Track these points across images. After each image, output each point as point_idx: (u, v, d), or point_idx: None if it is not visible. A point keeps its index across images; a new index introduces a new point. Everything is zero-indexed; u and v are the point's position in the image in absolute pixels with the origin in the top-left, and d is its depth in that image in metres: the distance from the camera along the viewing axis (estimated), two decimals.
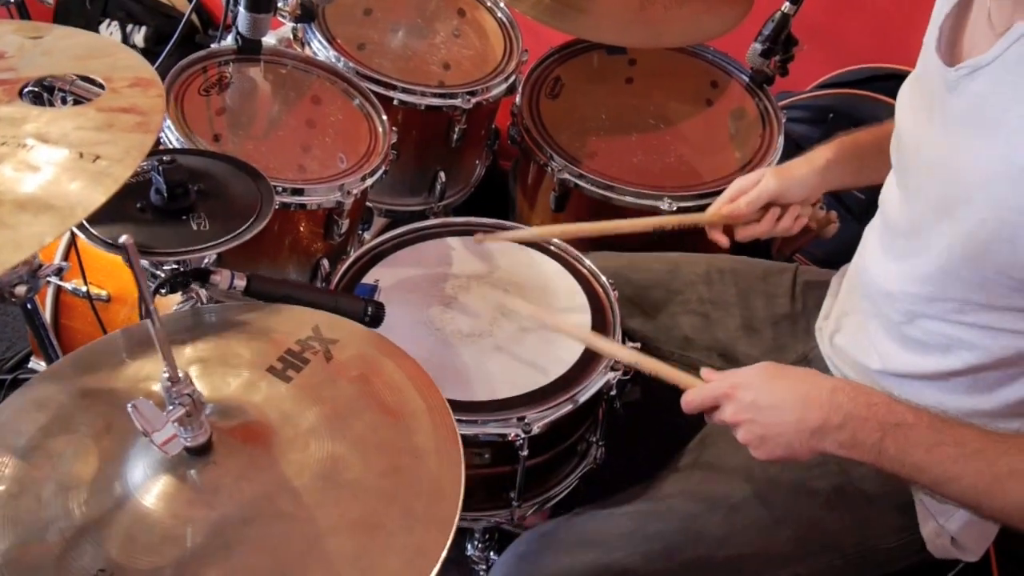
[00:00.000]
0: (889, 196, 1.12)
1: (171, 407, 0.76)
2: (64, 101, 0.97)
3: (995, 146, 0.88)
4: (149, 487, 0.78)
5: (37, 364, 1.79)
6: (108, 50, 0.86)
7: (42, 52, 0.84)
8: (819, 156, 1.30)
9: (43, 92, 0.88)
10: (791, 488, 1.11)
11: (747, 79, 1.74)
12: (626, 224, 1.39)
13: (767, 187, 1.29)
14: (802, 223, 1.35)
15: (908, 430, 0.89)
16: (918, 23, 1.09)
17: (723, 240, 1.36)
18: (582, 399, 1.21)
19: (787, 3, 1.57)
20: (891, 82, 1.94)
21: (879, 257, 1.11)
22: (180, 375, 0.76)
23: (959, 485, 0.88)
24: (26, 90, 0.77)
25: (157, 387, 0.84)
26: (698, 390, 1.03)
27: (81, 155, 0.69)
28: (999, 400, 1.00)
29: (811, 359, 1.26)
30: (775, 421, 0.95)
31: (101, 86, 0.79)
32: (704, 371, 1.04)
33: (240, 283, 1.08)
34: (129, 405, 0.73)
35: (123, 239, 0.59)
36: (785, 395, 0.96)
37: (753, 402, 0.97)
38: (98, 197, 0.66)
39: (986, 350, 0.96)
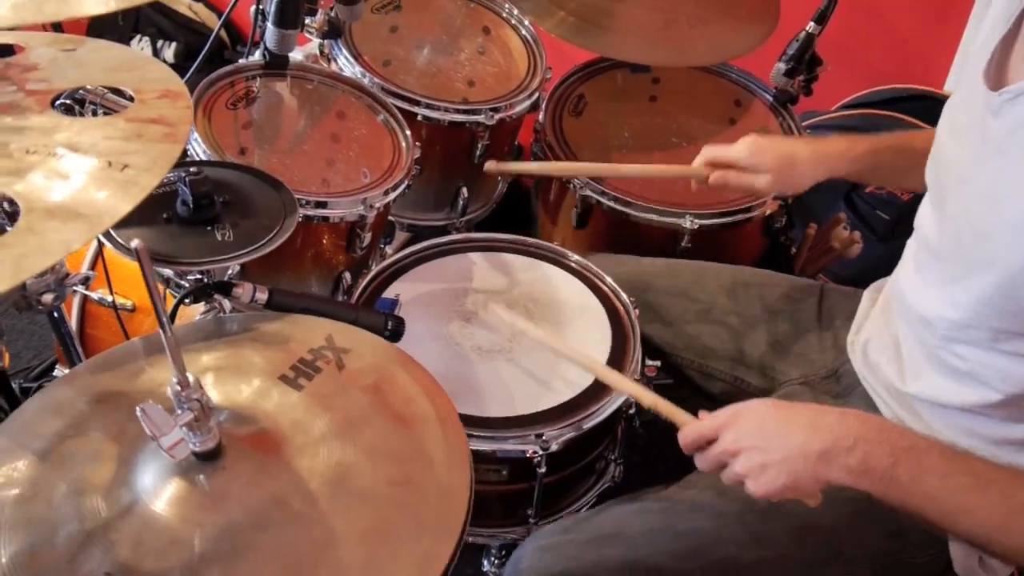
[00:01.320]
0: (925, 218, 1.11)
1: (180, 411, 0.76)
2: (95, 112, 0.99)
3: None
4: (159, 492, 0.78)
5: (62, 372, 1.81)
6: (138, 63, 0.87)
7: (75, 64, 0.86)
8: (831, 142, 1.30)
9: (75, 103, 0.89)
10: (826, 494, 1.09)
11: (771, 98, 1.73)
12: (635, 169, 1.47)
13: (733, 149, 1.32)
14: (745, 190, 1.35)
15: (921, 455, 0.86)
16: (942, 45, 1.09)
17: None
18: (601, 417, 1.21)
19: (812, 23, 1.57)
20: (915, 103, 1.94)
21: (915, 279, 1.10)
22: (190, 380, 0.76)
23: (972, 519, 0.85)
24: (58, 101, 0.79)
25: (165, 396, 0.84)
26: (694, 425, 0.98)
27: (110, 164, 0.70)
28: None
29: (841, 374, 1.25)
30: (778, 445, 0.90)
31: (131, 98, 0.80)
32: (702, 414, 0.99)
33: (262, 296, 1.08)
34: (138, 408, 0.74)
35: (135, 243, 0.60)
36: (791, 419, 0.92)
37: (757, 428, 0.92)
38: (125, 206, 0.67)
39: (1017, 377, 0.95)
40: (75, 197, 0.68)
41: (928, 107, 1.90)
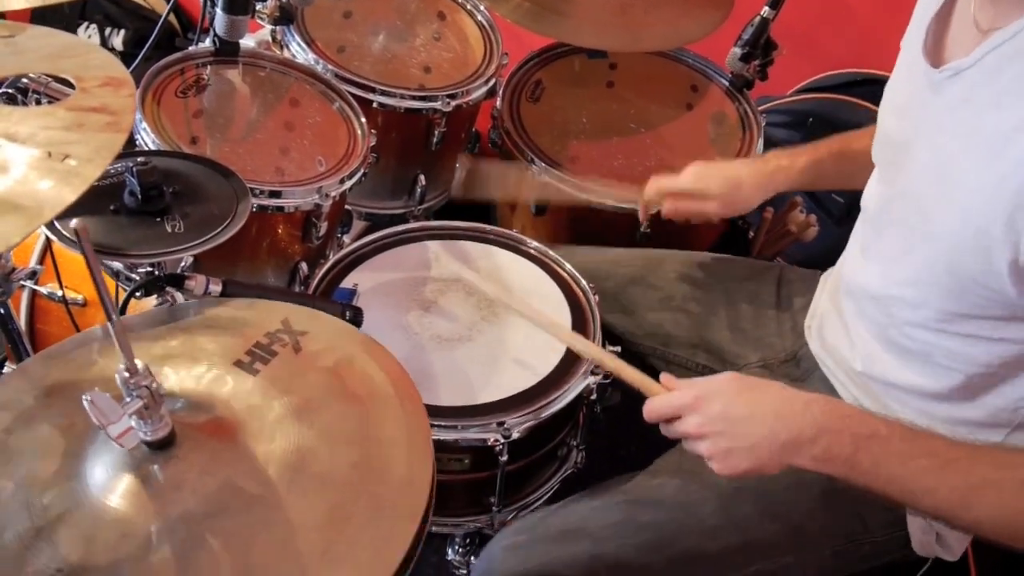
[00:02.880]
0: (871, 197, 1.12)
1: (128, 399, 0.74)
2: (39, 102, 0.96)
3: (972, 152, 0.88)
4: (111, 485, 0.76)
5: (11, 368, 1.77)
6: (79, 50, 0.85)
7: (13, 52, 0.83)
8: (771, 159, 1.32)
9: (16, 92, 0.86)
10: (786, 480, 1.09)
11: (727, 83, 1.74)
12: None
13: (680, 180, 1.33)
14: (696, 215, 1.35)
15: (882, 442, 0.88)
16: (897, 29, 1.10)
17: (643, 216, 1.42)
18: (562, 403, 1.20)
19: (766, 8, 1.58)
20: (870, 87, 1.96)
21: (861, 258, 1.11)
22: (138, 366, 0.74)
23: (933, 498, 0.87)
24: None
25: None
26: (660, 399, 0.98)
27: (50, 154, 0.68)
28: (984, 408, 0.99)
29: (800, 357, 1.26)
30: (745, 432, 0.92)
31: (72, 86, 0.78)
32: (664, 377, 1.01)
33: (215, 288, 1.06)
34: (84, 397, 0.72)
35: (74, 223, 0.57)
36: (757, 408, 0.93)
37: (722, 414, 0.93)
38: (67, 197, 0.65)
39: (967, 357, 0.96)
40: (14, 189, 0.66)
41: (881, 91, 1.91)
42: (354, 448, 0.80)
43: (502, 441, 1.16)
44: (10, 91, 0.98)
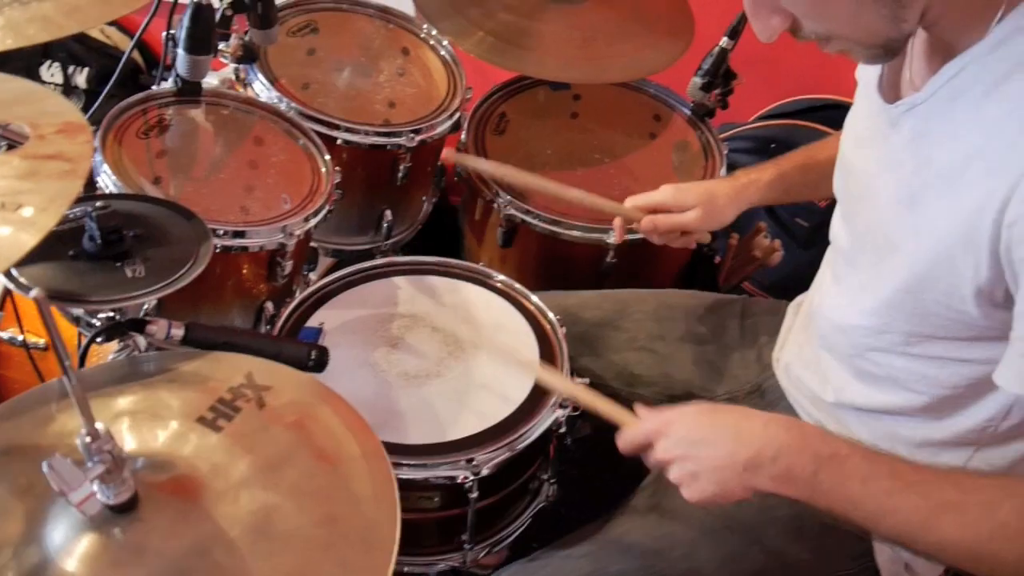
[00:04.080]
0: (837, 229, 1.14)
1: (90, 464, 0.73)
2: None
3: (931, 183, 0.90)
4: (71, 548, 0.74)
5: None
6: (36, 96, 0.84)
7: None
8: (742, 175, 1.35)
9: None
10: (751, 520, 1.10)
11: (689, 112, 1.76)
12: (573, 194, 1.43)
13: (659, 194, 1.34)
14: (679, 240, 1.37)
15: (843, 461, 0.88)
16: None
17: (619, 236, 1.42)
18: (531, 438, 1.20)
19: (725, 38, 1.60)
20: (829, 112, 2.00)
21: (830, 289, 1.13)
22: (100, 430, 0.73)
23: (894, 519, 0.87)
24: None
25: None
26: (632, 429, 1.00)
27: (3, 205, 0.67)
28: (951, 429, 1.01)
29: (766, 389, 1.27)
30: (707, 455, 0.93)
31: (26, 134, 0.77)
32: (638, 407, 1.02)
33: (178, 332, 1.05)
34: (44, 464, 0.71)
35: (33, 293, 0.57)
36: (717, 429, 0.94)
37: (685, 437, 0.95)
38: (22, 247, 0.64)
39: (935, 380, 0.98)
40: None
41: (842, 116, 1.93)
42: (319, 506, 0.80)
43: (472, 478, 1.15)
44: None
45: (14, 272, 0.94)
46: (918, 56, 0.96)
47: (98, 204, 1.00)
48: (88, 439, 0.71)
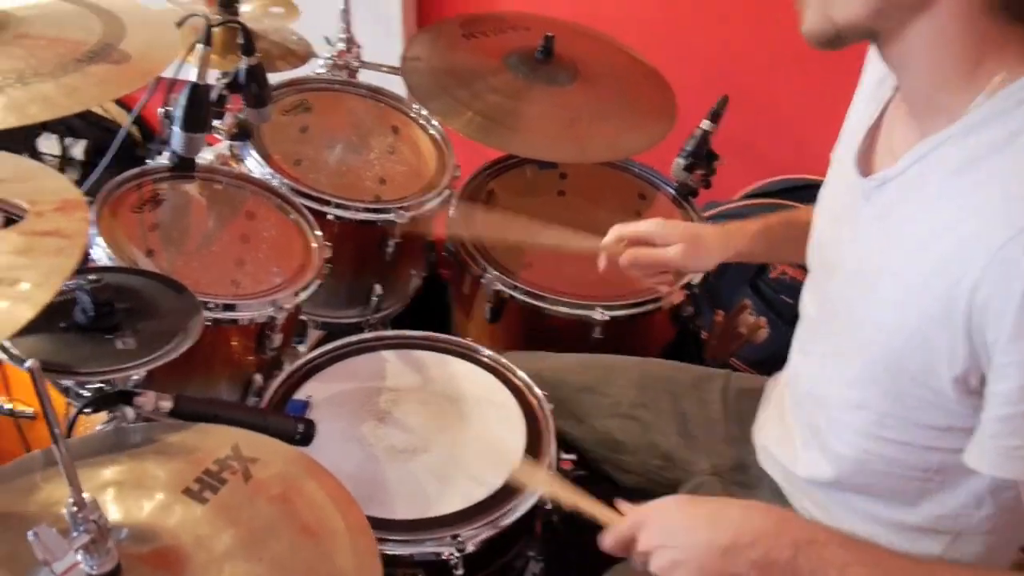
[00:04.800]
0: (807, 300, 1.15)
1: (76, 534, 0.73)
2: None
3: (899, 257, 0.91)
4: None
5: None
6: (34, 173, 0.87)
7: None
8: (731, 226, 1.36)
9: None
10: None
11: (673, 191, 1.80)
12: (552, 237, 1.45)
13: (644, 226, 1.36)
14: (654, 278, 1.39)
15: (821, 548, 0.89)
16: (831, 136, 1.15)
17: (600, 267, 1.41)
18: (517, 514, 1.20)
19: (706, 121, 1.65)
20: (809, 191, 2.03)
21: (797, 360, 1.14)
22: (86, 500, 0.73)
23: None
24: None
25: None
26: (613, 530, 0.99)
27: (1, 280, 0.69)
28: (923, 514, 1.00)
29: (748, 465, 1.27)
30: (686, 543, 0.93)
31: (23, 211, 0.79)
32: (619, 503, 1.02)
33: (165, 404, 1.06)
34: (30, 533, 0.71)
35: (29, 363, 0.58)
36: (696, 518, 0.94)
37: (664, 526, 0.95)
38: (16, 321, 0.66)
39: (903, 463, 0.98)
40: None
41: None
42: None
43: (457, 555, 1.14)
44: None
45: (6, 343, 0.95)
46: (893, 132, 0.98)
47: (91, 278, 1.02)
48: (75, 508, 0.71)
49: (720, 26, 2.07)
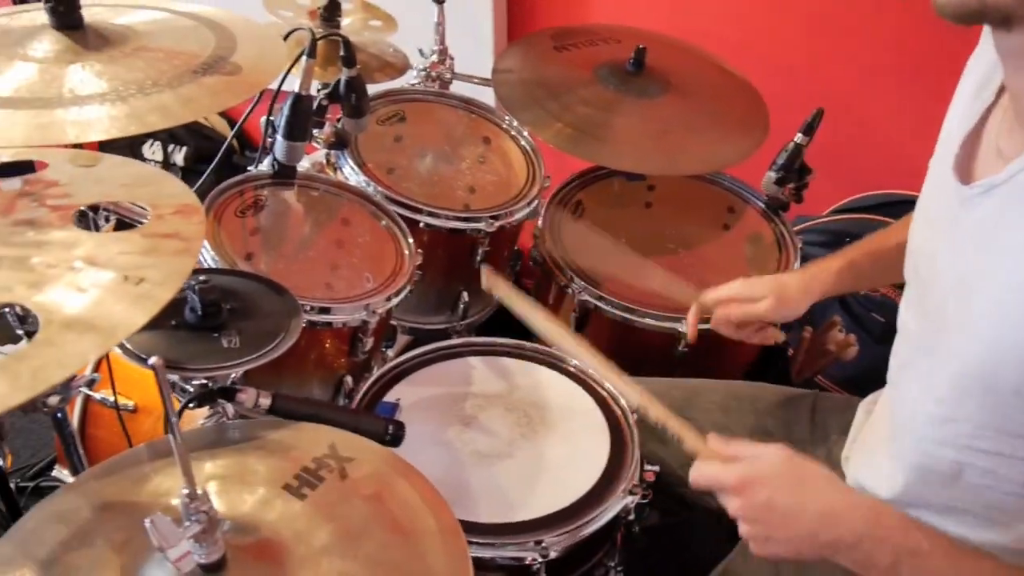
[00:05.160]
0: (904, 314, 1.13)
1: (188, 523, 0.77)
2: (118, 226, 1.02)
3: (1002, 265, 0.89)
4: None
5: (61, 472, 1.81)
6: (154, 179, 0.91)
7: (94, 180, 0.90)
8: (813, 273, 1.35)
9: (94, 218, 0.93)
10: None
11: (763, 205, 1.78)
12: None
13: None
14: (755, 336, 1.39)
15: (923, 559, 0.88)
16: (927, 150, 1.13)
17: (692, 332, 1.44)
18: (600, 523, 1.20)
19: (800, 135, 1.63)
20: (903, 207, 1.99)
21: (897, 377, 1.11)
22: (199, 491, 0.77)
23: None
24: (78, 216, 0.82)
25: (176, 502, 0.84)
26: (707, 471, 1.00)
27: (126, 278, 0.73)
28: (1016, 534, 0.97)
29: None
30: (787, 530, 0.93)
31: (147, 213, 0.84)
32: (712, 438, 1.03)
33: (265, 402, 1.10)
34: (147, 520, 0.74)
35: (152, 360, 0.62)
36: (803, 505, 0.94)
37: (767, 503, 0.94)
38: (139, 319, 0.70)
39: (999, 477, 0.95)
40: (91, 310, 0.71)
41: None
42: None
43: (539, 560, 1.16)
44: (87, 215, 1.05)
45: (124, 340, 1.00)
46: (1005, 135, 0.95)
47: (200, 279, 1.07)
48: (188, 499, 0.75)
49: (813, 38, 2.04)
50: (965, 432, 0.95)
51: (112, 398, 1.58)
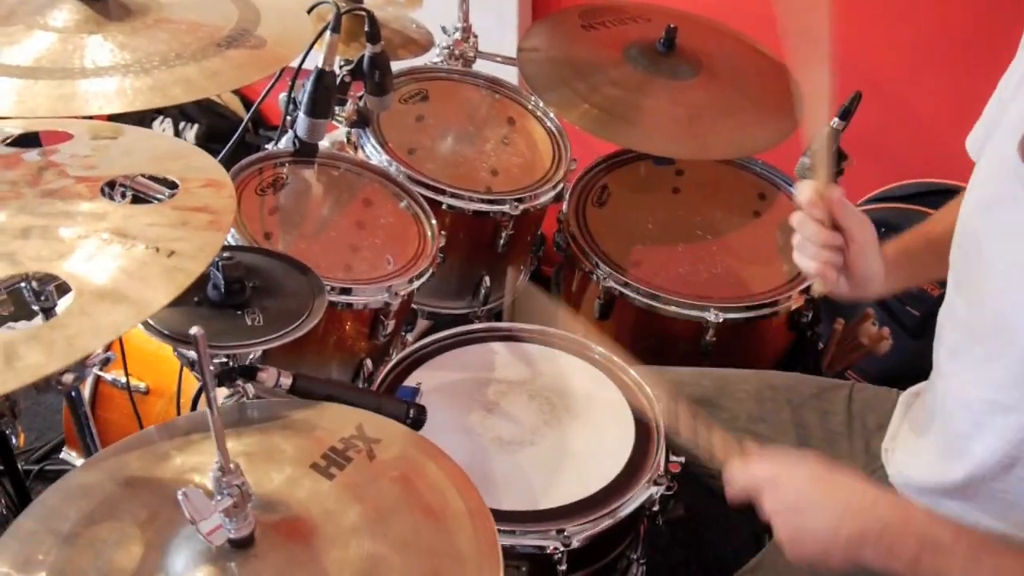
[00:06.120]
0: (951, 299, 1.09)
1: (220, 497, 0.76)
2: (140, 199, 1.01)
3: None
4: None
5: (69, 455, 1.79)
6: (182, 152, 0.90)
7: (122, 152, 0.88)
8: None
9: (122, 189, 0.91)
10: None
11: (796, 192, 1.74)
12: None
13: None
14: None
15: (945, 552, 0.88)
16: (965, 138, 1.10)
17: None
18: (624, 513, 1.18)
19: (836, 119, 1.59)
20: (940, 197, 1.95)
21: (947, 367, 1.08)
22: (231, 466, 0.76)
23: None
24: (106, 187, 0.80)
25: (200, 480, 0.86)
26: (740, 473, 1.02)
27: (157, 250, 0.71)
28: None
29: (874, 481, 1.22)
30: (811, 525, 0.94)
31: (175, 186, 0.82)
32: (748, 446, 1.04)
33: (286, 381, 1.09)
34: (179, 492, 0.74)
35: (194, 330, 0.61)
36: (826, 501, 0.95)
37: (792, 502, 0.96)
38: (172, 290, 0.69)
39: None
40: (123, 281, 0.70)
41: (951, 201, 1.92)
42: (425, 560, 0.81)
43: (561, 549, 1.13)
44: (116, 186, 1.03)
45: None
46: None
47: (224, 255, 1.04)
48: (220, 473, 0.73)
49: (852, 20, 2.00)
50: (1020, 424, 0.93)
51: (124, 379, 1.56)
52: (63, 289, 0.90)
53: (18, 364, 0.66)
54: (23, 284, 0.93)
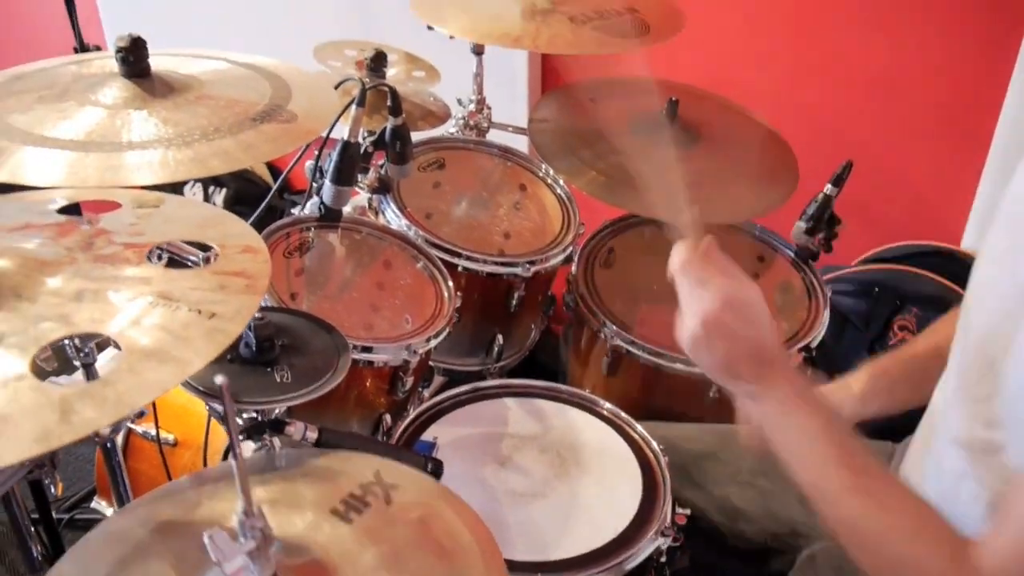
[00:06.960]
0: (954, 345, 1.08)
1: (243, 539, 0.79)
2: (183, 264, 1.08)
3: None
4: None
5: (99, 504, 1.85)
6: (220, 219, 0.97)
7: (164, 220, 0.95)
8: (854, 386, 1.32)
9: (166, 255, 0.98)
10: None
11: (792, 255, 1.82)
12: None
13: None
14: None
15: (789, 412, 1.00)
16: (956, 203, 1.13)
17: None
18: (633, 563, 1.23)
19: (829, 185, 1.67)
20: (933, 258, 2.01)
21: (949, 401, 1.07)
22: (255, 509, 0.80)
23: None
24: (152, 254, 0.88)
25: (228, 526, 0.86)
26: (687, 254, 1.10)
27: (199, 312, 0.78)
28: None
29: None
30: (709, 333, 1.02)
31: (208, 249, 0.89)
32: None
33: (312, 435, 1.15)
34: (205, 534, 0.78)
35: (219, 379, 0.66)
36: (735, 323, 1.01)
37: (709, 305, 1.03)
38: (212, 350, 0.74)
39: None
40: (168, 342, 0.75)
41: (946, 263, 1.97)
42: None
43: None
44: (161, 253, 1.09)
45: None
46: None
47: (256, 315, 1.12)
48: (244, 516, 0.78)
49: (843, 90, 2.09)
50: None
51: (154, 431, 1.63)
52: (101, 346, 0.97)
53: (74, 418, 0.70)
54: (67, 341, 0.99)
